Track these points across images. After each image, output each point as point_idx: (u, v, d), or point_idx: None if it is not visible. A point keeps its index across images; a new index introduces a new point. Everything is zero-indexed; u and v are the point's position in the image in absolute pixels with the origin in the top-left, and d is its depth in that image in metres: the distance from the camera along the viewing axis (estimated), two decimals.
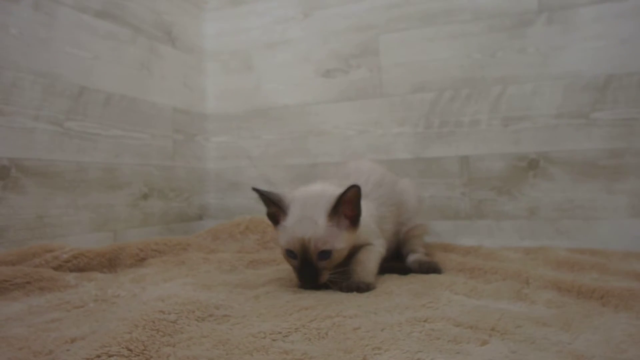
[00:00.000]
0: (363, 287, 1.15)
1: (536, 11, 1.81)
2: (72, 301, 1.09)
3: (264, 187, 2.15)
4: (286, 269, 1.41)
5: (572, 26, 1.77)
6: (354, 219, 1.18)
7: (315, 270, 1.16)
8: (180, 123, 2.17)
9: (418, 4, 1.98)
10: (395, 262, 1.42)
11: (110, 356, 0.69)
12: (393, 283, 1.22)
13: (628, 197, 1.70)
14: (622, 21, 1.71)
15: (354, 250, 1.27)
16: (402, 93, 1.99)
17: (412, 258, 1.43)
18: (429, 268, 1.36)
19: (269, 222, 1.90)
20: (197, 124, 2.30)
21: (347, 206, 1.16)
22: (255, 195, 2.28)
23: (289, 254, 1.18)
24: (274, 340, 0.79)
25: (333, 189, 1.21)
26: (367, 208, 1.31)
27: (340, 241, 1.16)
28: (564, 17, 1.78)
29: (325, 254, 1.15)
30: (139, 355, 0.71)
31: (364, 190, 1.34)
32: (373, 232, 1.32)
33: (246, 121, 2.28)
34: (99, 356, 0.69)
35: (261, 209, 2.13)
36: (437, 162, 1.94)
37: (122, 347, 0.71)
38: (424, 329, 0.83)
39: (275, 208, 1.23)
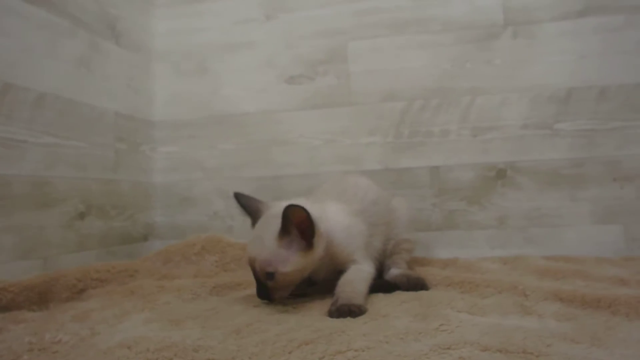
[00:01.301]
0: (355, 311, 1.05)
1: (502, 25, 1.85)
2: None
3: (219, 202, 1.99)
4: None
5: (536, 40, 1.83)
6: (310, 237, 1.13)
7: (264, 288, 1.14)
8: (123, 130, 1.89)
9: (388, 12, 1.93)
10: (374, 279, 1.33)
11: None
12: (384, 303, 1.13)
13: (590, 204, 1.76)
14: (582, 37, 1.80)
15: (340, 268, 1.20)
16: (371, 102, 1.92)
17: (395, 272, 1.36)
18: (417, 284, 1.28)
19: (228, 241, 1.77)
20: (143, 131, 2.03)
21: (297, 226, 1.11)
22: (210, 211, 2.08)
23: (250, 267, 1.18)
24: None
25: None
26: (359, 226, 1.28)
27: (287, 264, 1.12)
28: (529, 31, 1.83)
29: (270, 276, 1.13)
30: None
31: (359, 208, 1.31)
32: (360, 249, 1.25)
33: (200, 129, 2.06)
34: None
35: (218, 227, 1.98)
36: (407, 173, 1.88)
37: None
38: (452, 358, 0.74)
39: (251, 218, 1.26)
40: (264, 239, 1.14)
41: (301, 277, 1.17)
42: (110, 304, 1.19)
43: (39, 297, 1.21)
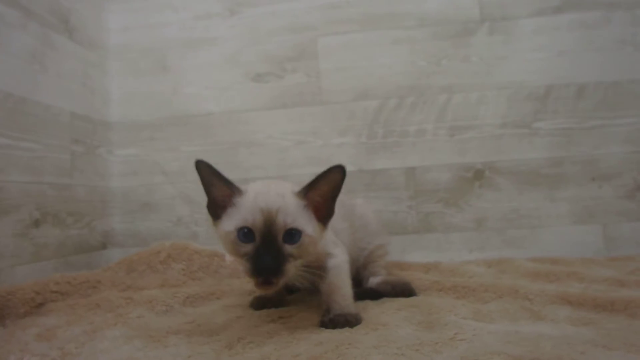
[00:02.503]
0: (352, 321, 1.09)
1: (478, 20, 2.01)
2: None
3: (183, 207, 2.12)
4: (235, 304, 1.35)
5: (513, 37, 1.99)
6: (325, 217, 1.10)
7: (280, 254, 1.01)
8: (79, 132, 1.98)
9: (360, 6, 2.06)
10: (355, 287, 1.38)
11: None
12: (378, 311, 1.19)
13: (568, 204, 1.93)
14: (559, 34, 1.97)
15: (315, 264, 1.18)
16: (343, 100, 2.05)
17: (376, 280, 1.44)
18: (404, 290, 1.35)
19: (195, 247, 1.88)
20: (100, 133, 2.12)
21: (320, 193, 1.07)
22: (173, 217, 2.18)
23: (243, 235, 1.03)
24: None
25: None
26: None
27: (311, 227, 1.05)
28: (505, 27, 1.99)
29: (294, 236, 1.03)
30: None
31: None
32: (330, 240, 1.24)
33: (160, 131, 2.16)
34: None
35: (182, 233, 2.11)
36: (382, 175, 2.01)
37: None
38: None
39: (225, 190, 1.09)
40: (284, 195, 1.06)
41: (310, 255, 1.08)
42: (75, 319, 1.23)
43: None
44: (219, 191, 1.10)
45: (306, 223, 1.05)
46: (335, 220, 1.28)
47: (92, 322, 1.21)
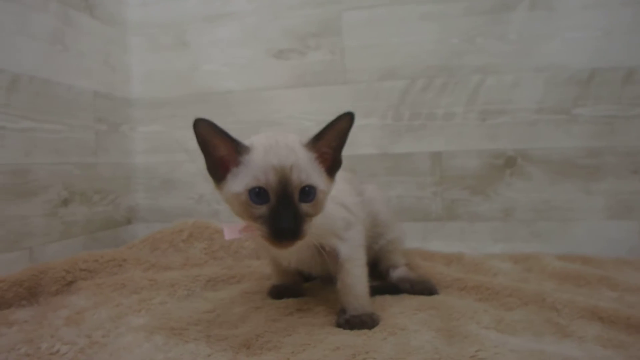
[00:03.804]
0: (368, 322, 1.15)
1: None
2: None
3: (204, 185, 2.28)
4: (254, 290, 1.48)
5: (557, 13, 1.94)
6: (332, 168, 1.13)
7: (298, 214, 1.03)
8: (102, 110, 2.14)
9: None
10: (374, 280, 1.45)
11: None
12: (397, 310, 1.26)
13: (605, 198, 1.94)
14: (608, 10, 1.90)
15: (323, 243, 1.21)
16: (368, 80, 2.09)
17: (397, 274, 1.52)
18: (424, 289, 1.43)
19: (216, 227, 2.05)
20: (122, 111, 2.28)
21: (328, 144, 1.10)
22: (195, 195, 2.32)
23: (256, 196, 1.04)
24: None
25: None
26: (341, 187, 1.28)
27: (323, 181, 1.08)
28: (549, 1, 1.94)
29: (309, 194, 1.05)
30: None
31: None
32: (339, 218, 1.24)
33: (181, 108, 2.29)
34: None
35: (204, 211, 2.30)
36: (406, 159, 2.08)
37: None
38: None
39: (229, 148, 1.07)
40: (295, 149, 1.07)
41: (321, 210, 1.10)
42: (103, 300, 1.40)
43: (28, 292, 1.44)
44: (222, 150, 1.08)
45: (318, 177, 1.08)
46: (347, 195, 1.33)
47: (119, 305, 1.37)
